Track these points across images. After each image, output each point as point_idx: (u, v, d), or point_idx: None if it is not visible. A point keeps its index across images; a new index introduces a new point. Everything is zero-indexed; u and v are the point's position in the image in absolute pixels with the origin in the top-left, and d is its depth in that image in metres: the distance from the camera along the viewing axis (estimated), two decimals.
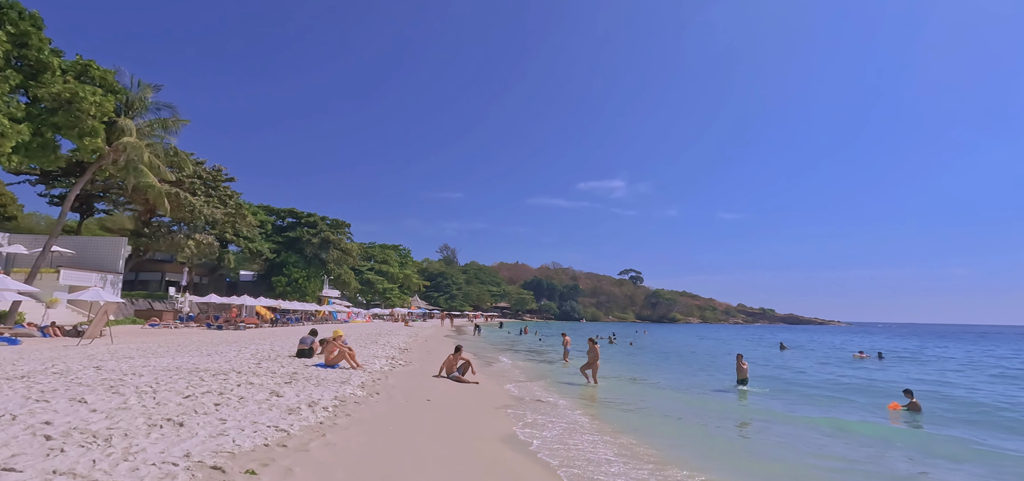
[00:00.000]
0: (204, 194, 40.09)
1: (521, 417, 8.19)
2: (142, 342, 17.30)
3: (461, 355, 12.34)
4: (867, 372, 21.57)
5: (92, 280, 32.41)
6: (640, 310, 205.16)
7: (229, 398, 6.69)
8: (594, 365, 14.26)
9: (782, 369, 22.23)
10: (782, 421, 9.95)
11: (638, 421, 8.93)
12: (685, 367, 22.53)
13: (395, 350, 17.80)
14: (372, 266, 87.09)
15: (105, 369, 9.02)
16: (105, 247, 34.90)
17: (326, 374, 9.89)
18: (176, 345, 16.21)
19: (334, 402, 7.15)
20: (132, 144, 24.15)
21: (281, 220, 65.34)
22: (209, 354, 12.58)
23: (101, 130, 22.66)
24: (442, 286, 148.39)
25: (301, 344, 12.38)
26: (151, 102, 26.37)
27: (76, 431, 4.58)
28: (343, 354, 10.84)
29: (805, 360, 27.98)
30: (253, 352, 13.48)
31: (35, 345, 15.32)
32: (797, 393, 14.76)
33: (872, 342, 50.93)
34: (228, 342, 18.37)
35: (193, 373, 8.84)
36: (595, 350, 14.39)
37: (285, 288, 57.66)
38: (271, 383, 8.28)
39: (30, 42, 20.87)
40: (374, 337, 25.67)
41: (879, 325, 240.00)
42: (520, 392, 11.50)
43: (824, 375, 20.14)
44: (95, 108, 21.71)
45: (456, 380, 11.76)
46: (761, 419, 10.09)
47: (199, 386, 7.45)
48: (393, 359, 14.45)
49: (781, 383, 16.89)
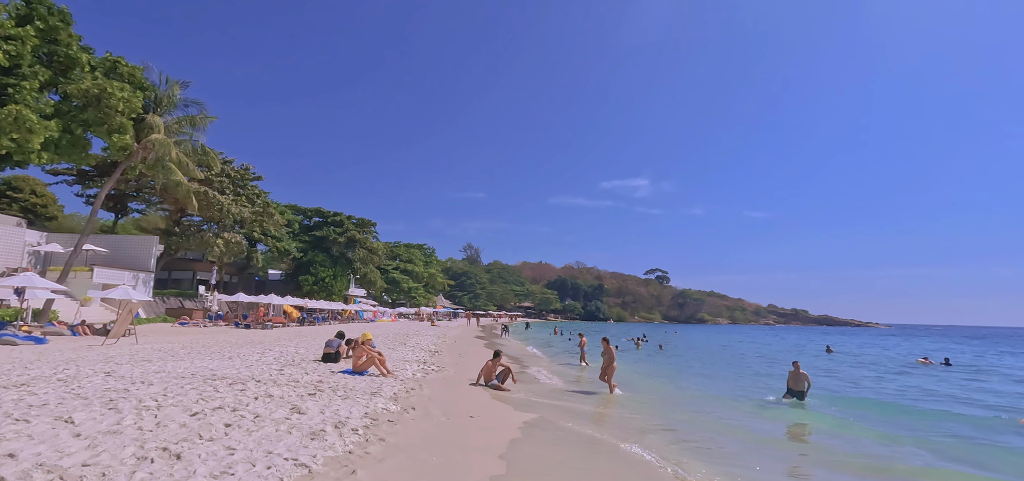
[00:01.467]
0: (232, 193, 40.16)
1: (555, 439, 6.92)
2: (167, 342, 16.76)
3: (500, 361, 11.16)
4: (948, 384, 19.43)
5: (124, 278, 32.64)
6: (667, 310, 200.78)
7: (243, 416, 5.65)
8: (610, 369, 12.75)
9: (845, 381, 20.23)
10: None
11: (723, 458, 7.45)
12: (735, 376, 20.81)
13: (425, 352, 16.76)
14: (397, 265, 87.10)
15: (115, 375, 8.18)
16: (137, 246, 35.18)
17: (354, 383, 8.84)
18: (200, 345, 15.56)
19: (364, 421, 6.04)
20: (160, 141, 23.89)
21: (308, 219, 65.68)
22: (231, 357, 11.75)
23: (129, 127, 22.44)
24: (466, 285, 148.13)
25: (327, 347, 11.41)
26: (179, 99, 26.14)
27: (40, 471, 3.55)
28: (372, 360, 9.79)
29: (860, 367, 25.72)
30: (277, 355, 12.61)
31: (62, 345, 14.89)
32: (881, 414, 11.80)
33: (924, 346, 47.60)
34: (253, 343, 17.70)
35: (208, 381, 7.89)
36: (611, 352, 12.90)
37: (312, 287, 57.77)
38: (293, 395, 7.24)
39: (59, 38, 20.75)
40: (402, 338, 24.79)
41: (920, 327, 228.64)
42: (553, 401, 10.22)
43: (896, 387, 18.09)
44: (124, 105, 21.47)
45: (495, 389, 10.58)
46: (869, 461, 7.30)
47: (211, 399, 6.45)
48: (425, 363, 13.38)
49: (853, 400, 14.21)
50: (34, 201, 46.02)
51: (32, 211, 45.71)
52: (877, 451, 8.02)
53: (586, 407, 10.02)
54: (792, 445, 8.47)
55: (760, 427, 9.46)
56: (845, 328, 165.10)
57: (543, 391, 11.84)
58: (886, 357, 32.42)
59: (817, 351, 37.62)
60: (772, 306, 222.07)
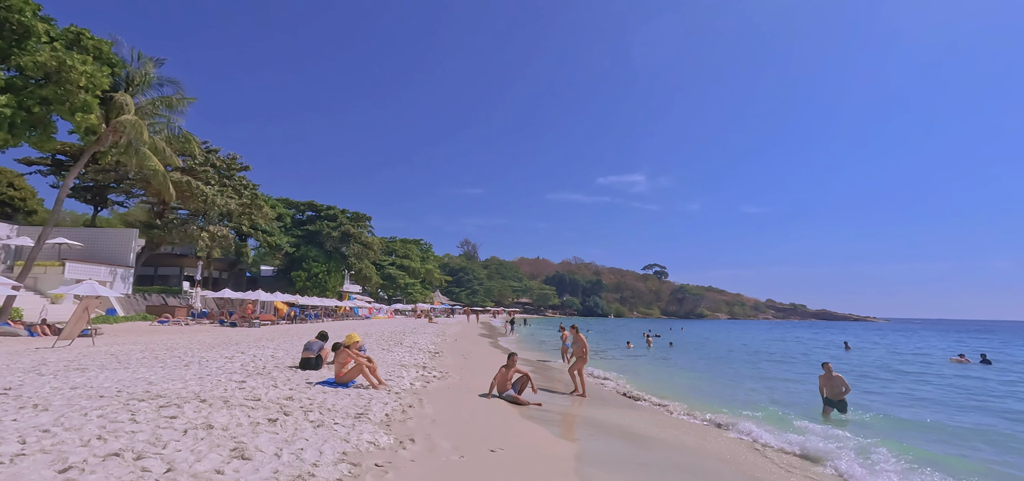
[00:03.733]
0: (218, 184, 37.92)
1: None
2: (130, 344, 14.71)
3: (515, 366, 9.17)
4: (1007, 388, 17.60)
5: (100, 273, 30.46)
6: (666, 306, 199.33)
7: (149, 466, 3.65)
8: (582, 362, 10.81)
9: (885, 387, 18.35)
10: None
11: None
12: (764, 377, 18.94)
13: (425, 354, 14.75)
14: (393, 261, 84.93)
15: (13, 392, 6.16)
16: (115, 239, 32.97)
17: (335, 399, 6.84)
18: (165, 347, 13.53)
19: (341, 470, 4.05)
20: (131, 122, 21.69)
21: (300, 213, 63.42)
22: (189, 363, 9.73)
23: (94, 105, 20.22)
24: (463, 281, 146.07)
25: (306, 351, 9.38)
26: (154, 78, 23.91)
27: None
28: (360, 367, 7.78)
29: (890, 368, 23.80)
30: (249, 360, 10.57)
31: (11, 347, 12.85)
32: (957, 437, 9.16)
33: (940, 342, 46.02)
34: (229, 343, 15.66)
35: (130, 403, 5.87)
36: (582, 342, 10.95)
37: (305, 283, 55.62)
38: (245, 422, 5.23)
39: (12, 4, 18.55)
40: (398, 337, 22.76)
41: (916, 321, 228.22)
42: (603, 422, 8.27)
43: (951, 395, 16.21)
44: (86, 79, 19.26)
45: (512, 401, 8.61)
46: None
47: (116, 435, 4.43)
48: (424, 368, 11.38)
49: (922, 427, 9.95)
50: (12, 194, 43.61)
51: (9, 204, 43.35)
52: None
53: (651, 428, 8.05)
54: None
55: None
56: (844, 323, 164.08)
57: (576, 403, 9.88)
58: (912, 355, 30.64)
59: (834, 350, 35.85)
60: (771, 301, 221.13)
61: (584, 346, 10.95)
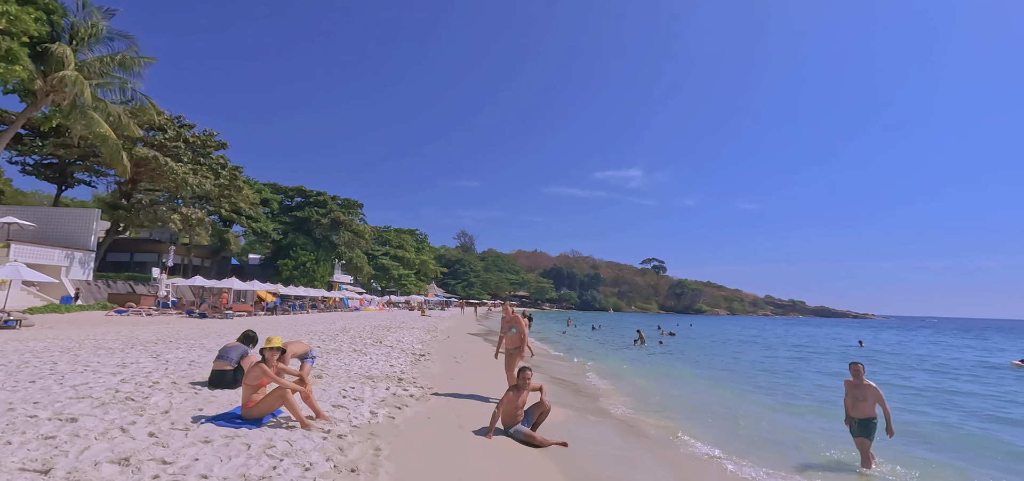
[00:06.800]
0: (191, 161, 34.70)
1: None
2: (50, 340, 11.73)
3: (529, 383, 6.16)
4: None
5: (54, 257, 27.37)
6: (664, 301, 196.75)
7: None
8: (519, 355, 7.72)
9: (936, 399, 15.51)
10: None
11: None
12: (785, 382, 16.13)
13: (407, 358, 11.79)
14: (387, 251, 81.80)
15: None
16: (73, 220, 29.78)
17: (225, 454, 3.88)
18: (75, 345, 10.56)
19: None
20: (71, 77, 18.56)
21: (289, 199, 60.15)
22: (85, 368, 6.76)
23: (22, 55, 17.11)
24: (459, 273, 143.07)
25: (219, 361, 6.33)
26: (103, 30, 20.74)
27: None
28: (282, 396, 4.80)
29: (928, 370, 20.95)
30: (137, 372, 7.44)
31: None
32: None
33: (963, 341, 43.54)
34: (168, 341, 12.71)
35: None
36: (520, 322, 7.99)
37: (292, 272, 52.52)
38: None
39: None
40: (381, 332, 19.75)
41: (915, 319, 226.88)
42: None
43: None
44: (8, 22, 16.17)
45: (527, 442, 5.70)
46: None
47: None
48: (400, 380, 8.42)
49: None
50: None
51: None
52: None
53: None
54: None
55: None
56: (843, 320, 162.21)
57: (630, 432, 6.98)
58: (942, 356, 27.92)
59: (847, 347, 33.15)
60: (769, 297, 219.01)
61: (523, 331, 7.80)
